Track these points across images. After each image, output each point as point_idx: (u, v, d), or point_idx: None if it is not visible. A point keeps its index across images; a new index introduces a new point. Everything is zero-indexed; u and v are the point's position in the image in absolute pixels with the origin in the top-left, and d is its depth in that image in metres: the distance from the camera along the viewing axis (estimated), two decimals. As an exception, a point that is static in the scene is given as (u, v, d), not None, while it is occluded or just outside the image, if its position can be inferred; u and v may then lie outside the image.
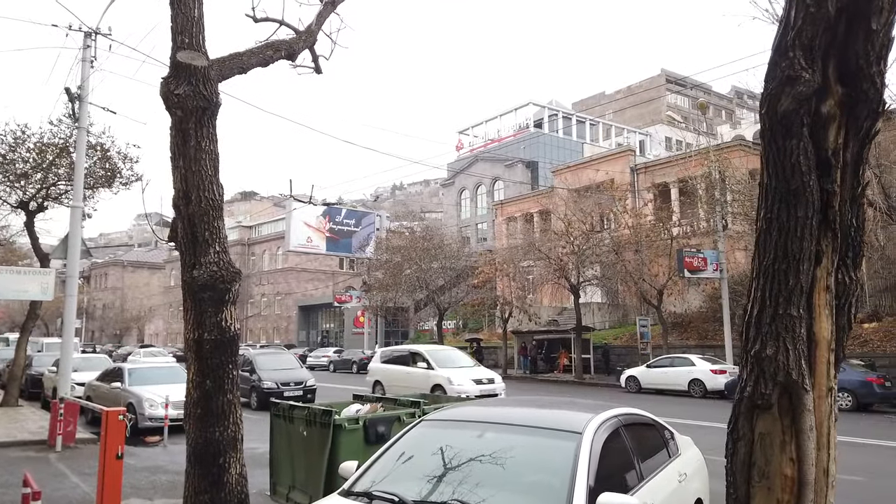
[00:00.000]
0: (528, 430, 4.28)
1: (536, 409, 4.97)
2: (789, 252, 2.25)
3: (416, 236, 40.61)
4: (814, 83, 2.21)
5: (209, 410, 5.59)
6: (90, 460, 10.73)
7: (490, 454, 4.11)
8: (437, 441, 4.41)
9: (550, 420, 4.51)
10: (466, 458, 4.10)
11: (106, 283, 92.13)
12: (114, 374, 15.63)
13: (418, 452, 4.41)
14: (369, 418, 6.58)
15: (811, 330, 2.28)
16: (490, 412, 4.82)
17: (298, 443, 6.79)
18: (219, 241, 5.59)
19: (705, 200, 28.66)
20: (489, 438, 4.28)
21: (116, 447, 7.29)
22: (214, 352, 5.55)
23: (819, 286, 2.28)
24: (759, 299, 2.33)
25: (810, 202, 2.24)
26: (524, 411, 4.86)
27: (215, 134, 5.55)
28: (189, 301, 5.57)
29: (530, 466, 4.06)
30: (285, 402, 7.07)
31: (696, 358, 23.85)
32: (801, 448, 2.20)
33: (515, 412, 4.81)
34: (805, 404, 2.21)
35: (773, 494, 2.23)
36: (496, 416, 4.64)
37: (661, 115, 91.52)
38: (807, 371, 2.23)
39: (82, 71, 13.79)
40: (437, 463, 4.18)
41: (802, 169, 2.23)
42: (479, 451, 4.16)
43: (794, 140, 2.23)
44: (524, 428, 4.32)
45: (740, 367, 2.45)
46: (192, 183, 5.42)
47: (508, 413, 4.77)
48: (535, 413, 4.80)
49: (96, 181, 18.63)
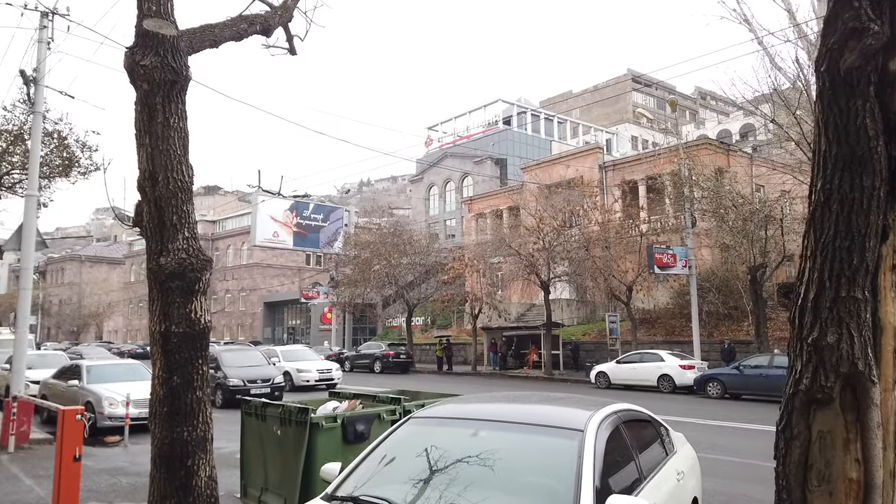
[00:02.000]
0: (526, 428, 3.99)
1: (532, 406, 4.68)
2: (853, 227, 1.99)
3: (386, 232, 40.13)
4: (882, 36, 1.96)
5: (176, 409, 5.19)
6: (45, 462, 10.15)
7: (486, 454, 3.82)
8: (428, 440, 4.10)
9: (549, 417, 4.23)
10: (460, 459, 3.80)
11: (63, 278, 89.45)
12: (71, 371, 14.96)
13: (407, 453, 4.08)
14: (348, 416, 6.23)
15: (875, 315, 2.03)
16: (483, 409, 4.52)
17: (272, 442, 6.41)
18: (188, 227, 5.19)
19: (674, 198, 28.88)
20: (484, 437, 3.99)
21: (74, 449, 6.82)
22: (182, 345, 5.15)
23: (885, 265, 2.03)
24: (815, 281, 2.07)
25: (877, 170, 1.99)
26: (519, 408, 4.57)
27: (185, 110, 5.14)
28: (155, 291, 5.16)
29: (530, 467, 3.78)
30: (257, 400, 6.68)
31: (665, 354, 23.94)
32: (868, 447, 1.95)
33: (510, 409, 4.51)
34: (872, 398, 1.96)
35: (836, 500, 1.98)
36: (490, 413, 4.34)
37: (627, 114, 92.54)
38: (873, 360, 1.98)
39: (38, 53, 13.09)
40: (427, 464, 3.87)
41: (869, 133, 1.98)
42: (473, 451, 3.86)
43: (860, 100, 1.98)
44: (521, 426, 4.03)
45: (791, 356, 2.18)
46: (159, 163, 5.00)
47: (503, 410, 4.48)
48: (531, 409, 4.51)
49: (53, 170, 17.83)
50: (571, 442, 3.72)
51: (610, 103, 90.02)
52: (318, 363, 25.98)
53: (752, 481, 8.70)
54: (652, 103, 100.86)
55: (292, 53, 7.78)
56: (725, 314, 29.16)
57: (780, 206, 23.13)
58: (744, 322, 28.75)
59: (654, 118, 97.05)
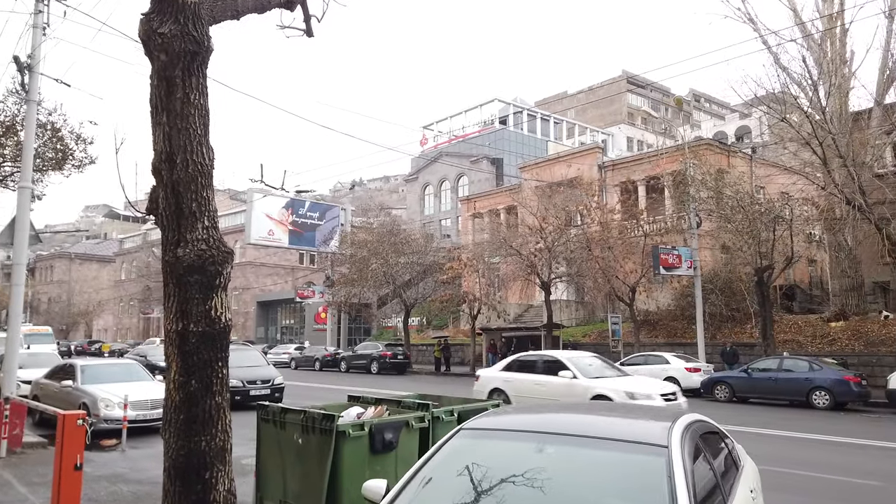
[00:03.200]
0: (599, 443, 3.51)
1: (599, 416, 4.19)
2: None
3: (384, 231, 39.61)
4: None
5: (194, 416, 4.70)
6: (39, 467, 9.62)
7: (556, 474, 3.35)
8: (486, 457, 3.62)
9: (623, 430, 3.77)
10: (526, 480, 3.31)
11: (52, 275, 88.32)
12: (65, 371, 14.39)
13: (462, 471, 3.59)
14: (375, 424, 5.75)
15: None
16: (545, 420, 4.05)
17: (292, 452, 5.92)
18: (208, 215, 4.70)
19: (678, 197, 28.57)
20: (552, 454, 3.51)
21: (75, 457, 6.31)
22: (201, 346, 4.66)
23: None
24: None
25: None
26: (586, 419, 4.08)
27: (206, 86, 4.65)
28: (171, 285, 4.67)
29: (611, 490, 3.30)
30: (275, 405, 6.17)
31: (670, 356, 23.58)
32: None
33: (576, 420, 4.03)
34: None
35: None
36: (555, 425, 3.85)
37: (622, 115, 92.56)
38: None
39: (33, 38, 12.51)
40: (487, 485, 3.38)
41: None
42: (541, 470, 3.39)
43: None
44: (593, 440, 3.54)
45: None
46: (177, 143, 4.51)
47: (568, 421, 3.99)
48: (600, 421, 4.03)
49: (46, 163, 17.28)
50: (657, 459, 3.26)
51: (605, 104, 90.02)
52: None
53: (790, 491, 8.27)
54: (647, 105, 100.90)
55: (309, 35, 7.31)
56: (728, 316, 28.86)
57: (790, 207, 22.77)
58: (746, 324, 28.46)
59: (649, 119, 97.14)
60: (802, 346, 25.38)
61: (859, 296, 26.87)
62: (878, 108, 25.70)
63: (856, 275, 26.85)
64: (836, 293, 28.57)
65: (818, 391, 18.65)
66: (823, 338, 25.73)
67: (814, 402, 18.60)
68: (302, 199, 42.84)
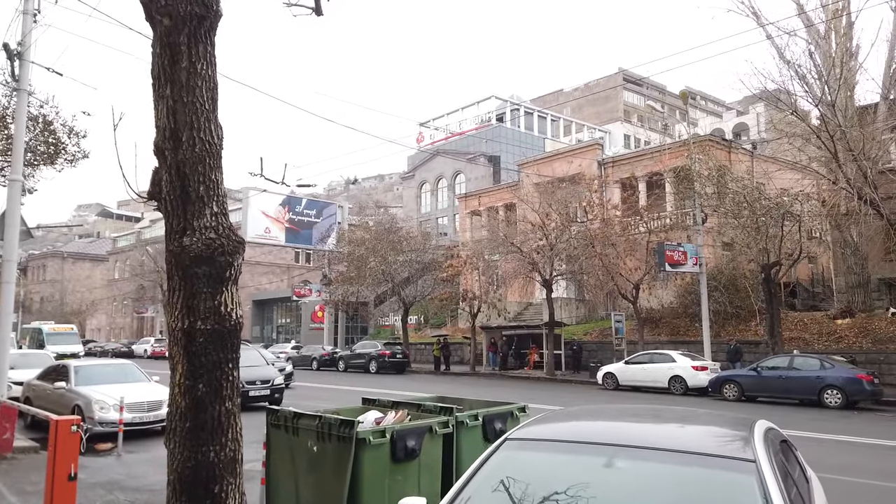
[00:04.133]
0: (674, 457, 3.01)
1: (666, 424, 3.70)
2: None
3: (382, 228, 39.10)
4: None
5: (202, 423, 4.22)
6: (32, 474, 9.11)
7: (630, 494, 2.89)
8: (540, 473, 3.14)
9: (699, 440, 3.29)
10: (593, 501, 2.85)
11: (44, 275, 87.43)
12: (57, 372, 13.88)
13: (514, 490, 3.09)
14: (397, 430, 5.28)
15: None
16: (605, 429, 3.57)
17: (305, 460, 5.45)
18: (217, 200, 4.23)
19: (682, 193, 28.17)
20: (622, 470, 3.02)
21: (69, 465, 5.82)
22: (210, 346, 4.19)
23: None
24: None
25: None
26: (653, 428, 3.60)
27: (214, 55, 4.17)
28: (176, 278, 4.19)
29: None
30: (287, 410, 5.69)
31: (676, 354, 23.16)
32: None
33: (642, 429, 3.55)
34: None
35: None
36: (619, 435, 3.37)
37: (618, 113, 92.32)
38: None
39: (23, 25, 11.99)
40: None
41: None
42: (610, 489, 2.92)
43: None
44: (667, 453, 3.04)
45: None
46: (182, 119, 4.03)
47: (633, 430, 3.51)
48: (670, 430, 3.55)
49: (37, 157, 16.72)
50: (747, 478, 2.80)
51: (601, 102, 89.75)
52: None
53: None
54: (643, 103, 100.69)
55: (318, 14, 6.86)
56: (732, 313, 28.48)
57: (801, 202, 22.36)
58: (751, 321, 28.09)
59: (645, 116, 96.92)
60: (809, 343, 25.02)
61: (866, 293, 26.53)
62: (884, 102, 25.33)
63: (862, 271, 26.51)
64: (841, 290, 28.21)
65: (830, 390, 18.27)
66: (830, 335, 25.39)
67: (825, 401, 18.22)
68: (299, 196, 42.32)
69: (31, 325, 42.51)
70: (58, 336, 36.24)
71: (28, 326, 42.86)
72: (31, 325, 42.51)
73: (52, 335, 36.32)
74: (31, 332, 39.23)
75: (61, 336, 36.51)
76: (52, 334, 36.56)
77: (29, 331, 40.64)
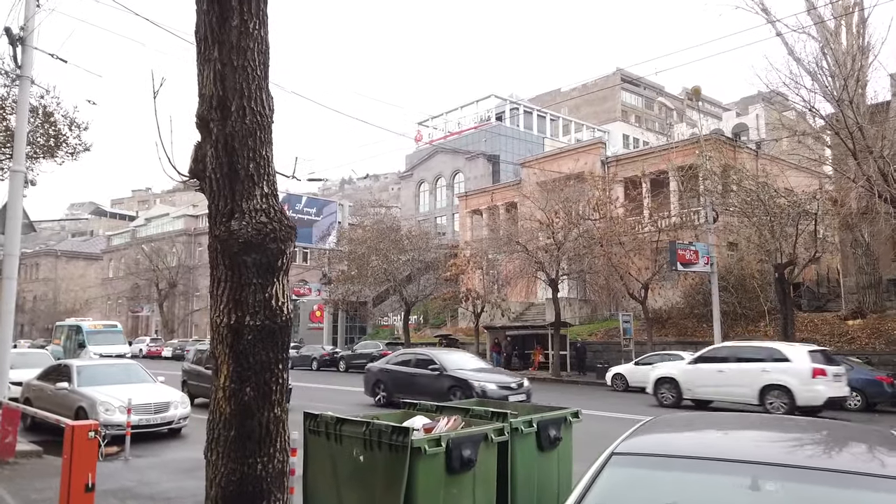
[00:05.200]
0: (837, 478, 2.50)
1: (809, 437, 3.19)
2: None
3: (384, 227, 38.57)
4: None
5: (248, 432, 3.74)
6: (36, 481, 8.60)
7: None
8: (668, 495, 2.64)
9: (861, 458, 2.80)
10: None
11: (37, 273, 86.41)
12: (59, 372, 13.31)
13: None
14: (452, 438, 4.80)
15: None
16: (736, 442, 3.07)
17: (350, 471, 4.96)
18: (267, 179, 3.74)
19: (691, 191, 27.77)
20: (772, 493, 2.52)
21: (86, 475, 5.32)
22: (259, 344, 3.70)
23: None
24: None
25: None
26: (795, 442, 3.08)
27: (266, 13, 3.69)
28: (222, 268, 3.70)
29: None
30: (329, 415, 5.19)
31: (687, 355, 22.71)
32: None
33: (782, 443, 3.05)
34: None
35: None
36: (756, 450, 2.86)
37: (615, 112, 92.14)
38: None
39: (26, 9, 11.45)
40: None
41: None
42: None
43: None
44: (826, 473, 2.54)
45: None
46: (231, 85, 3.55)
47: (773, 444, 3.01)
48: (816, 445, 3.03)
49: (37, 150, 16.13)
50: None
51: (599, 102, 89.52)
52: None
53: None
54: (640, 103, 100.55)
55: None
56: (742, 314, 28.10)
57: (819, 201, 21.97)
58: (759, 322, 27.71)
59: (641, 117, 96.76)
60: (820, 344, 24.43)
61: (877, 293, 26.19)
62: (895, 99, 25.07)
63: (873, 271, 26.17)
64: (851, 290, 27.85)
65: (850, 392, 17.86)
66: (842, 336, 25.02)
67: (845, 404, 17.80)
68: (299, 194, 41.76)
69: (67, 322, 38.07)
70: (100, 334, 32.22)
71: (63, 324, 38.45)
72: (67, 322, 38.07)
73: (94, 333, 32.27)
74: (67, 330, 35.27)
75: (104, 334, 32.42)
76: (93, 332, 32.49)
77: (64, 328, 36.57)
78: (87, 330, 32.66)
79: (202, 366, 18.46)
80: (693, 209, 28.76)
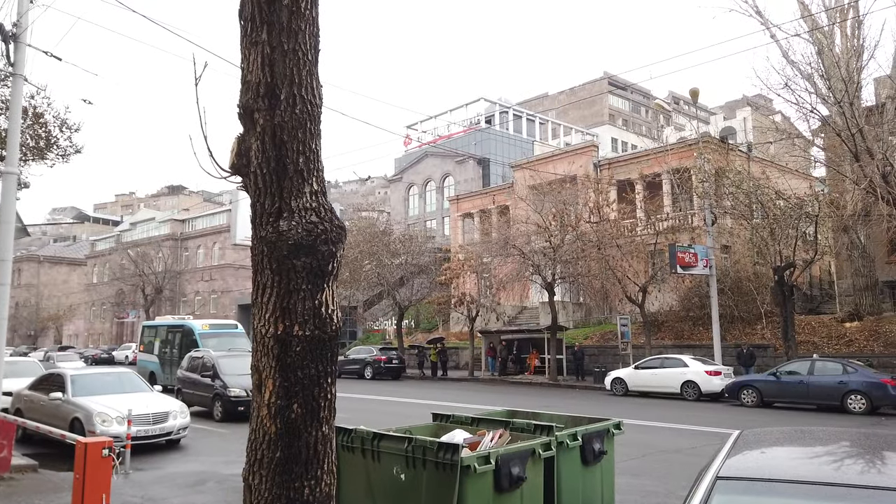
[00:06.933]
0: None
1: None
2: None
3: (377, 231, 38.17)
4: None
5: (295, 453, 3.39)
6: (35, 498, 8.16)
7: None
8: None
9: None
10: None
11: (19, 279, 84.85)
12: (52, 381, 12.83)
13: None
14: (501, 454, 4.48)
15: None
16: (857, 464, 2.78)
17: (389, 491, 4.62)
18: (317, 175, 3.41)
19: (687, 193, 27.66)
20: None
21: (100, 496, 4.94)
22: (308, 356, 3.36)
23: None
24: None
25: None
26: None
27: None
28: (268, 272, 3.36)
29: None
30: (365, 430, 4.84)
31: (688, 358, 22.58)
32: None
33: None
34: None
35: None
36: (883, 475, 2.58)
37: (602, 116, 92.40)
38: None
39: (19, 4, 11.04)
40: None
41: None
42: None
43: None
44: None
45: None
46: (281, 71, 3.21)
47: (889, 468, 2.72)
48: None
49: (28, 152, 15.65)
50: None
51: (586, 105, 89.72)
52: None
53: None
54: (627, 107, 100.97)
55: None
56: (739, 317, 28.02)
57: (819, 203, 21.90)
58: (757, 325, 27.64)
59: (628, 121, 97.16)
60: (818, 347, 24.59)
61: (873, 295, 26.21)
62: (891, 102, 25.10)
63: (870, 274, 26.19)
64: (847, 293, 27.88)
65: (854, 395, 17.77)
66: (840, 338, 25.00)
67: (849, 407, 17.70)
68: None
69: (162, 322, 28.75)
70: (217, 338, 23.81)
71: (154, 324, 29.63)
72: (162, 322, 28.75)
73: (208, 335, 24.12)
74: (166, 333, 26.72)
75: (222, 338, 23.94)
76: (207, 334, 24.39)
77: (158, 330, 27.70)
78: (199, 332, 24.51)
79: (197, 373, 18.02)
80: (690, 212, 28.66)
